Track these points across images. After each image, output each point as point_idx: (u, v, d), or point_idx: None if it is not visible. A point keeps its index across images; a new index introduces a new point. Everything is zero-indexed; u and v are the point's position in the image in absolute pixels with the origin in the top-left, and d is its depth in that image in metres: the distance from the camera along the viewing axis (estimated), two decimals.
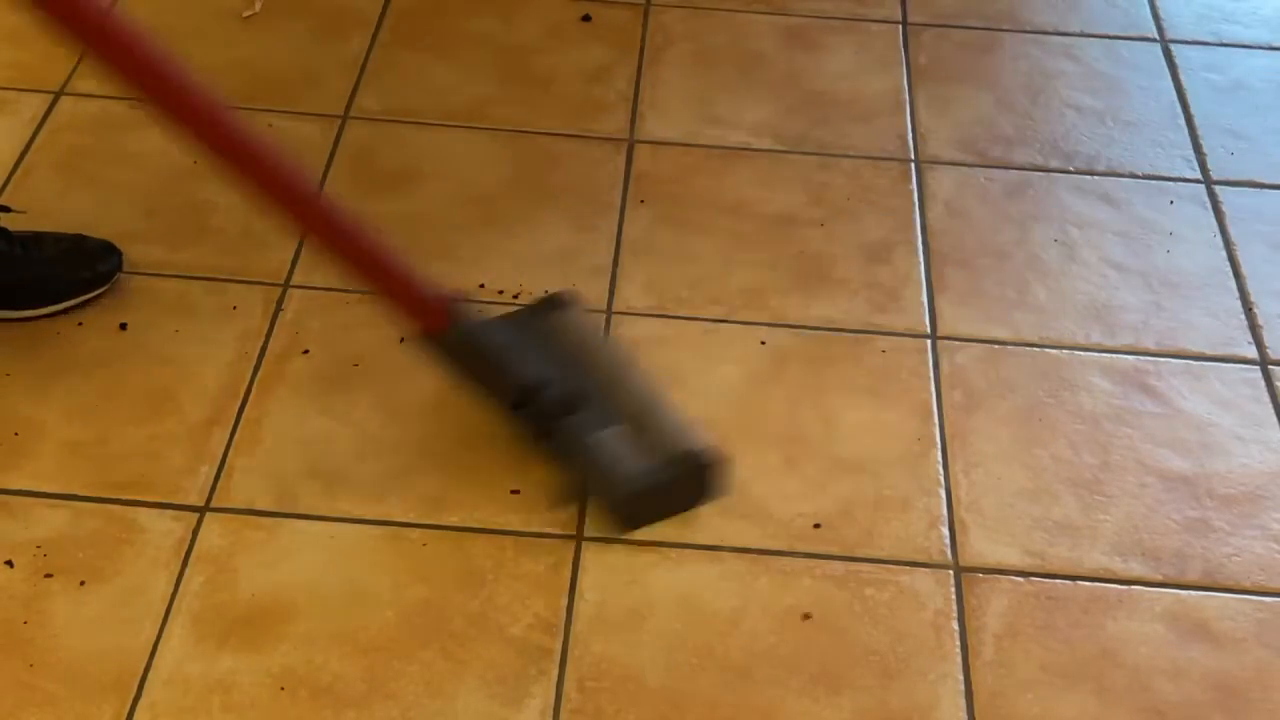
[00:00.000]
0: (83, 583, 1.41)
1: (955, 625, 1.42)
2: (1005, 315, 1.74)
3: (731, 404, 1.62)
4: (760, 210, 1.86)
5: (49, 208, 1.80)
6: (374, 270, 1.45)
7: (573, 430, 1.49)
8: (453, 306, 1.48)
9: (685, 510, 1.50)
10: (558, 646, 1.38)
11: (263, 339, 1.65)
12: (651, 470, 1.47)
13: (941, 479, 1.55)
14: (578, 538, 1.47)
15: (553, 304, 1.61)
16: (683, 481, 1.49)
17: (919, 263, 1.80)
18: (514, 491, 1.50)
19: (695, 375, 1.64)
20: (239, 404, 1.58)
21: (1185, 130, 2.03)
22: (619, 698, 1.35)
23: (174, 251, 1.75)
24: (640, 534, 1.48)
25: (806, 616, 1.41)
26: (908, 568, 1.47)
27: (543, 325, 1.59)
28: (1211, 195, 1.93)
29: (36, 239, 1.66)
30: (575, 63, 2.08)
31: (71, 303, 1.65)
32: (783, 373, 1.66)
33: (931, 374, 1.67)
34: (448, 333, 1.48)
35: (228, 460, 1.52)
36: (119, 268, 1.69)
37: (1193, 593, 1.47)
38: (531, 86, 2.04)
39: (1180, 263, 1.83)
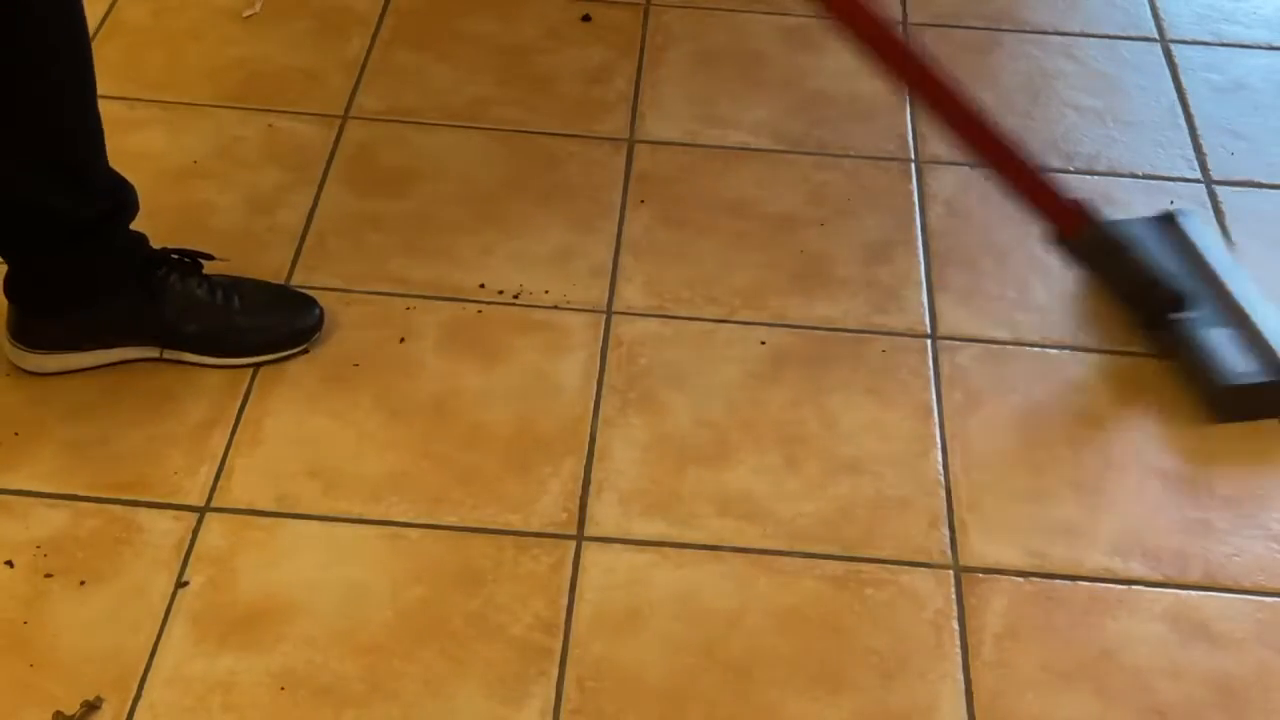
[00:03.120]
0: (83, 583, 1.41)
1: (955, 625, 1.42)
2: (1005, 315, 1.74)
3: (731, 404, 1.62)
4: (760, 210, 1.86)
5: None
6: (1019, 175, 1.63)
7: (1187, 326, 1.63)
8: (1089, 210, 1.63)
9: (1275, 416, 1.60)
10: (558, 646, 1.38)
11: None
12: (1259, 370, 1.60)
13: (941, 479, 1.55)
14: (578, 538, 1.48)
15: (1171, 218, 1.79)
16: None
17: (919, 263, 1.80)
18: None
19: (695, 375, 1.64)
20: (239, 404, 1.58)
21: (1185, 130, 2.03)
22: (619, 698, 1.35)
23: None
24: (640, 534, 1.48)
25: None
26: (908, 568, 1.47)
27: (1163, 234, 1.76)
28: (1211, 195, 1.93)
29: (236, 286, 1.62)
30: (575, 63, 2.08)
31: (269, 358, 1.61)
32: (783, 373, 1.66)
33: (931, 374, 1.67)
34: (1085, 234, 1.63)
35: (228, 460, 1.52)
36: (319, 324, 1.64)
37: (1193, 593, 1.47)
38: (531, 86, 2.04)
39: None
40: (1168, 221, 1.79)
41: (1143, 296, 1.66)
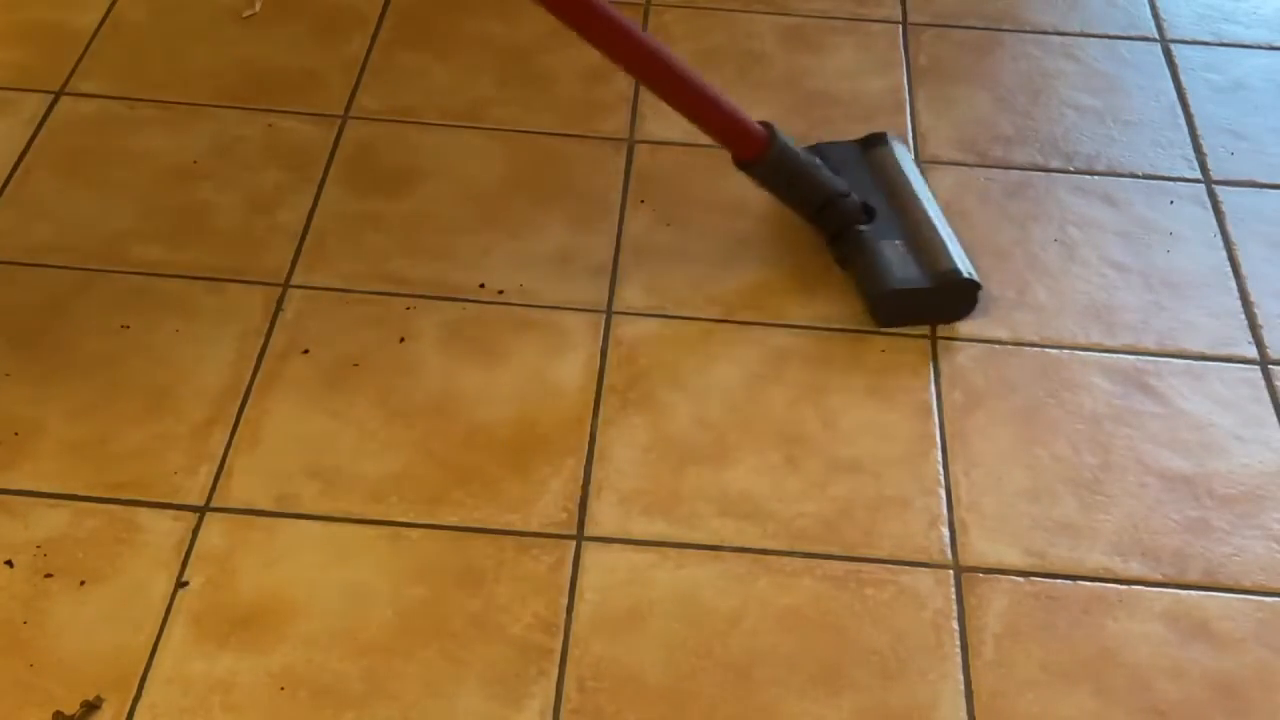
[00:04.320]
0: (83, 583, 1.41)
1: (955, 625, 1.42)
2: (1005, 315, 1.74)
3: (731, 404, 1.62)
4: (760, 210, 1.86)
5: (49, 208, 1.80)
6: (695, 102, 1.72)
7: (860, 236, 1.74)
8: (769, 132, 1.73)
9: (939, 321, 1.71)
10: (558, 646, 1.38)
11: (263, 339, 1.65)
12: (917, 277, 1.71)
13: (941, 479, 1.55)
14: (578, 538, 1.48)
15: (870, 140, 1.89)
16: (940, 294, 1.71)
17: None
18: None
19: (695, 375, 1.64)
20: (239, 404, 1.58)
21: (1185, 130, 2.03)
22: (619, 698, 1.35)
23: (174, 251, 1.75)
24: (640, 534, 1.48)
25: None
26: (908, 568, 1.47)
27: (853, 155, 1.86)
28: (1211, 195, 1.93)
29: None
30: (575, 63, 2.08)
31: None
32: (783, 373, 1.66)
33: (931, 374, 1.67)
34: (767, 157, 1.73)
35: (228, 460, 1.52)
36: None
37: (1193, 593, 1.47)
38: (531, 86, 2.04)
39: (1180, 263, 1.83)
40: (867, 144, 1.89)
41: (821, 210, 1.76)
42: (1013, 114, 2.04)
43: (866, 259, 1.73)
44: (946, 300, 1.72)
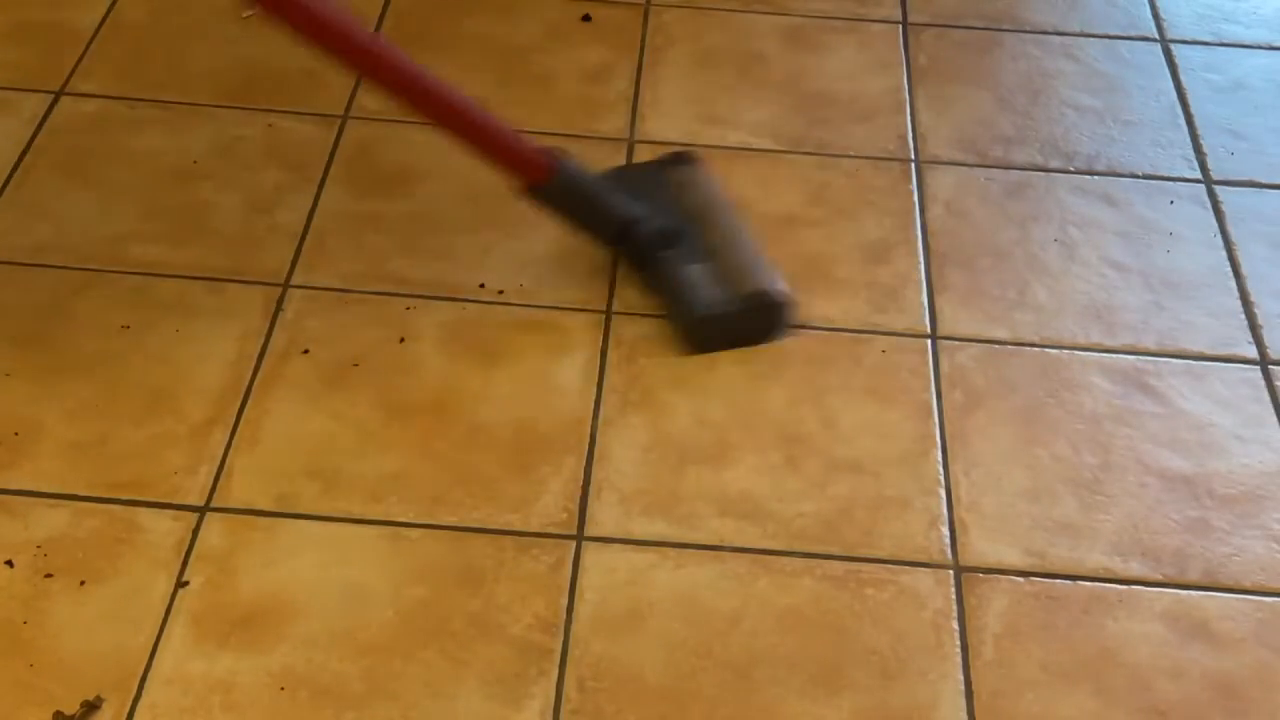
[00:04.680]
0: (83, 583, 1.41)
1: (955, 625, 1.42)
2: (1005, 315, 1.74)
3: (731, 404, 1.62)
4: (760, 210, 1.86)
5: (49, 208, 1.80)
6: (476, 133, 1.66)
7: (664, 262, 1.70)
8: (554, 159, 1.68)
9: (752, 344, 1.67)
10: (558, 646, 1.38)
11: (263, 339, 1.65)
12: (725, 301, 1.66)
13: (941, 479, 1.55)
14: (578, 538, 1.48)
15: (671, 161, 1.84)
16: (751, 316, 1.67)
17: (919, 263, 1.80)
18: None
19: (695, 375, 1.64)
20: (239, 404, 1.58)
21: (1185, 130, 2.03)
22: (619, 698, 1.35)
23: (174, 251, 1.75)
24: (640, 534, 1.48)
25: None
26: (908, 568, 1.47)
27: (654, 177, 1.81)
28: (1211, 195, 1.93)
29: None
30: (575, 63, 2.08)
31: None
32: (783, 373, 1.66)
33: (931, 374, 1.67)
34: (552, 182, 1.68)
35: (228, 460, 1.52)
36: None
37: (1193, 593, 1.47)
38: (531, 86, 2.04)
39: (1180, 263, 1.83)
40: (666, 165, 1.84)
41: (620, 238, 1.72)
42: (1013, 114, 2.04)
43: (672, 286, 1.69)
44: (759, 321, 1.67)
